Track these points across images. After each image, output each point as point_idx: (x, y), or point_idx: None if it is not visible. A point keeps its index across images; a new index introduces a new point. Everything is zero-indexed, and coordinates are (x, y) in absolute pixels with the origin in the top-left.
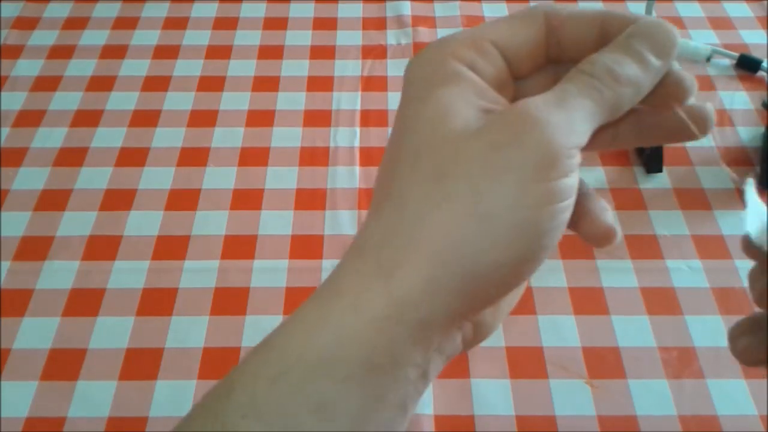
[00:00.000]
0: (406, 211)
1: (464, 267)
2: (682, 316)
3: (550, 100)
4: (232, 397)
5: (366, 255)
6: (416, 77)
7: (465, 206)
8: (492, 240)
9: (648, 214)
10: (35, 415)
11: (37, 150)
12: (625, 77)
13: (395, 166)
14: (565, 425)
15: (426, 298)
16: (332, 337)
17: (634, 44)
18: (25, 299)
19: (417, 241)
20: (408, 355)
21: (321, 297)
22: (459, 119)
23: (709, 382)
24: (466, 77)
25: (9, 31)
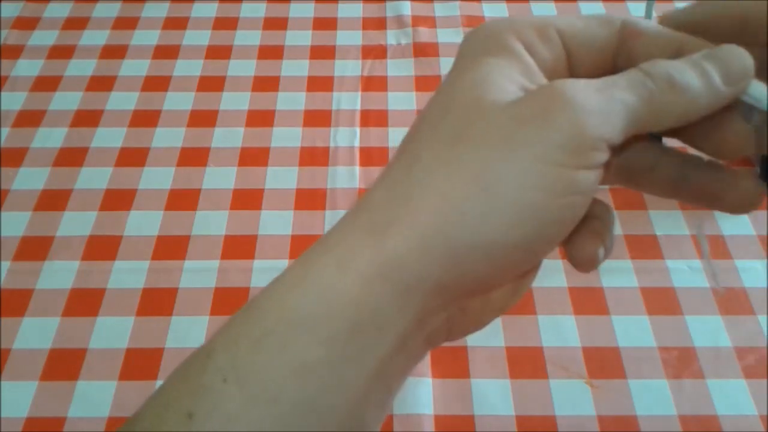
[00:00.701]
0: (413, 171)
1: (458, 237)
2: (682, 316)
3: (591, 83)
4: (212, 360)
5: (361, 212)
6: (470, 46)
7: (472, 174)
8: (492, 215)
9: (648, 214)
10: (35, 415)
11: (37, 150)
12: (681, 86)
13: (419, 125)
14: (565, 425)
15: (415, 260)
16: (314, 294)
17: (704, 62)
18: (25, 299)
19: (414, 201)
20: (391, 320)
21: (308, 255)
22: (495, 88)
23: (709, 382)
24: (518, 54)
25: (9, 31)
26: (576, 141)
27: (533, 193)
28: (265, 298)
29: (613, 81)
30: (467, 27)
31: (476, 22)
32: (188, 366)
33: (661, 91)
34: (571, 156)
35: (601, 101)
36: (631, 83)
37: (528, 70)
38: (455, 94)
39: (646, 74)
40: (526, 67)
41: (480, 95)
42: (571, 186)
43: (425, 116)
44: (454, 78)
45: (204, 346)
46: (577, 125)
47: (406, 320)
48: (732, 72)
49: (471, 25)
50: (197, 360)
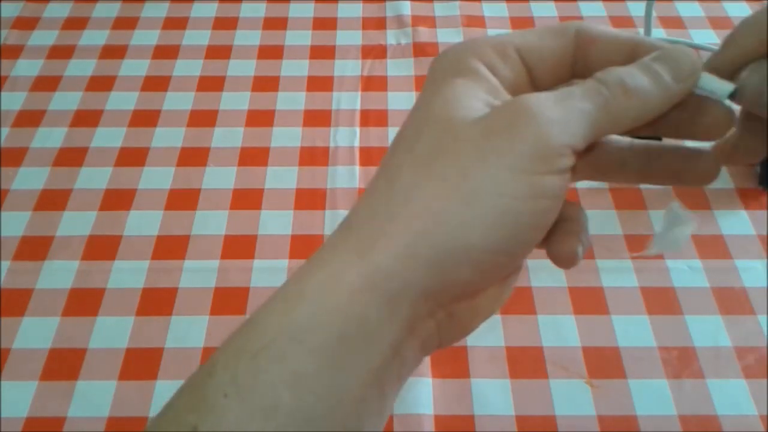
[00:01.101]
0: (394, 188)
1: (440, 243)
2: (682, 316)
3: (550, 96)
4: (214, 377)
5: (348, 230)
6: (438, 70)
7: (451, 185)
8: (472, 221)
9: (648, 214)
10: (35, 415)
11: (37, 150)
12: (634, 89)
13: (396, 146)
14: (565, 425)
15: (400, 270)
16: (309, 309)
17: (653, 65)
18: (25, 299)
19: (398, 214)
20: (380, 329)
21: (302, 273)
22: (463, 106)
23: (709, 382)
24: (482, 74)
25: (9, 31)
26: (541, 150)
27: (508, 200)
28: (264, 314)
29: (570, 92)
30: (467, 27)
31: (476, 22)
32: (192, 382)
33: (615, 97)
34: (538, 163)
35: (560, 112)
36: (586, 92)
37: (492, 89)
38: (428, 114)
39: (600, 82)
40: (490, 86)
41: (451, 114)
42: (541, 191)
43: (402, 135)
44: (425, 99)
45: (207, 362)
46: (541, 135)
47: (395, 328)
48: (681, 70)
49: (471, 25)
50: (200, 376)
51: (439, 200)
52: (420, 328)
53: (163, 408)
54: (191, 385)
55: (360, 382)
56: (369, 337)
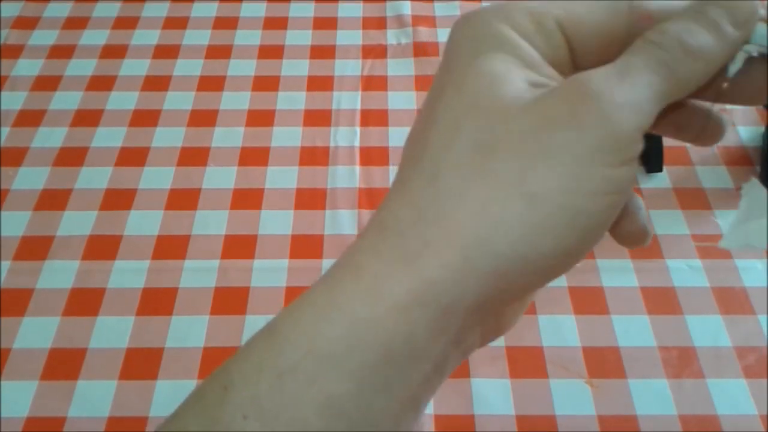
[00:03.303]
0: (439, 185)
1: (502, 252)
2: (682, 315)
3: (612, 73)
4: (232, 394)
5: (388, 233)
6: (462, 39)
7: (510, 185)
8: (536, 226)
9: (648, 213)
10: (35, 415)
11: (37, 150)
12: (698, 50)
13: (429, 135)
14: (565, 425)
15: (454, 282)
16: (346, 326)
17: (710, 12)
18: (25, 299)
19: (450, 219)
20: (426, 348)
21: (334, 279)
22: (508, 88)
23: (709, 382)
24: (518, 45)
25: (9, 31)
26: (613, 139)
27: (577, 198)
28: (290, 326)
29: (630, 64)
30: None
31: None
32: (203, 397)
33: (679, 62)
34: (610, 154)
35: (628, 91)
36: (648, 62)
37: (533, 62)
38: (465, 98)
39: (659, 47)
40: (530, 59)
41: (495, 97)
42: (615, 185)
43: (436, 123)
44: (455, 80)
45: (219, 375)
46: (611, 122)
47: (442, 344)
48: (739, 11)
49: None
50: (214, 389)
51: (498, 203)
52: (467, 339)
53: (169, 419)
54: (202, 398)
55: (397, 404)
56: (413, 357)
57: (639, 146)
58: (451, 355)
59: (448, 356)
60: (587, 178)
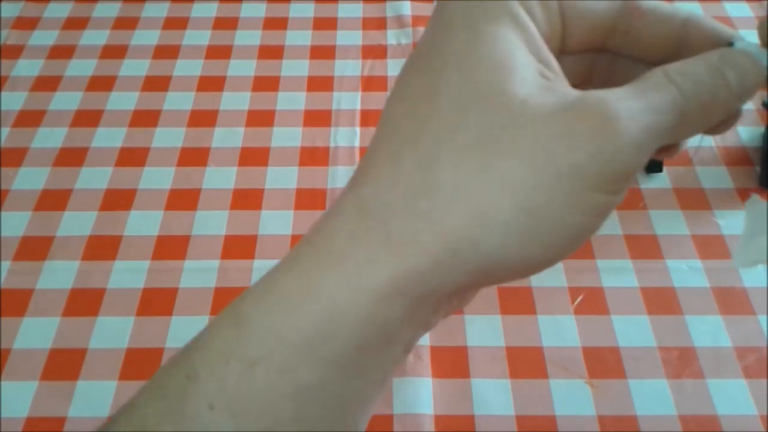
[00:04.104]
0: (435, 176)
1: (488, 254)
2: (682, 316)
3: (636, 105)
4: (196, 384)
5: (371, 220)
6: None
7: (510, 193)
8: (528, 235)
9: (648, 214)
10: (35, 415)
11: (37, 150)
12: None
13: (430, 116)
14: (565, 425)
15: (437, 275)
16: (321, 314)
17: (727, 74)
18: (25, 299)
19: (442, 214)
20: (399, 333)
21: (308, 262)
22: (520, 79)
23: (709, 382)
24: (523, 23)
25: (9, 31)
26: (625, 171)
27: (576, 216)
28: (260, 314)
29: (653, 100)
30: None
31: None
32: (164, 387)
33: (692, 111)
34: (617, 183)
35: (647, 130)
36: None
37: (535, 44)
38: (474, 85)
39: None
40: (533, 41)
41: (505, 88)
42: (610, 207)
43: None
44: (463, 56)
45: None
46: (624, 157)
47: (414, 327)
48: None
49: None
50: (176, 382)
51: (494, 209)
52: (434, 319)
53: (126, 410)
54: (163, 387)
55: (368, 386)
56: (387, 343)
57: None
58: (418, 334)
59: (416, 336)
60: (587, 200)
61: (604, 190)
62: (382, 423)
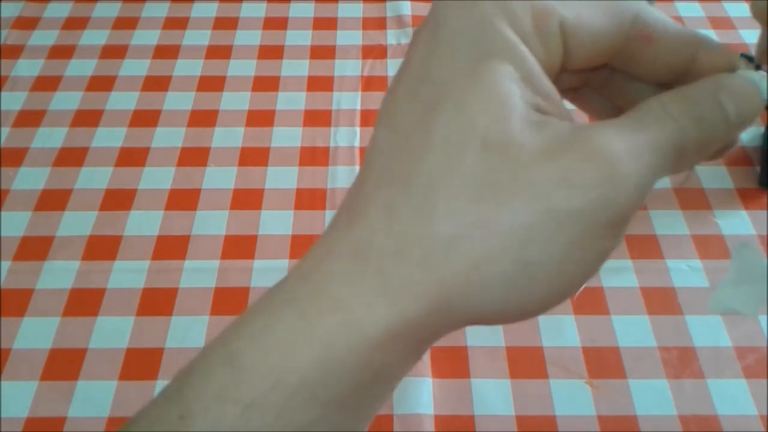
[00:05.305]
0: (432, 224)
1: (485, 307)
2: (682, 316)
3: (640, 147)
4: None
5: (368, 265)
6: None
7: (508, 245)
8: (525, 289)
9: (648, 214)
10: (35, 415)
11: (37, 150)
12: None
13: (423, 150)
14: (565, 425)
15: (434, 322)
16: (318, 357)
17: (726, 105)
18: (25, 299)
19: (439, 268)
20: (398, 373)
21: (303, 303)
22: (518, 120)
23: (709, 382)
24: (522, 55)
25: (9, 31)
26: (621, 216)
27: (577, 266)
28: (257, 355)
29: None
30: None
31: None
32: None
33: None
34: (613, 230)
35: (649, 169)
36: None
37: (534, 76)
38: (471, 124)
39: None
40: (530, 71)
41: (501, 130)
42: (607, 253)
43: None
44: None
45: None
46: (631, 202)
47: (412, 363)
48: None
49: None
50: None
51: (491, 262)
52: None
53: None
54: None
55: (368, 416)
56: (385, 382)
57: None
58: (412, 365)
59: (411, 368)
60: (588, 248)
61: (605, 236)
62: (382, 423)
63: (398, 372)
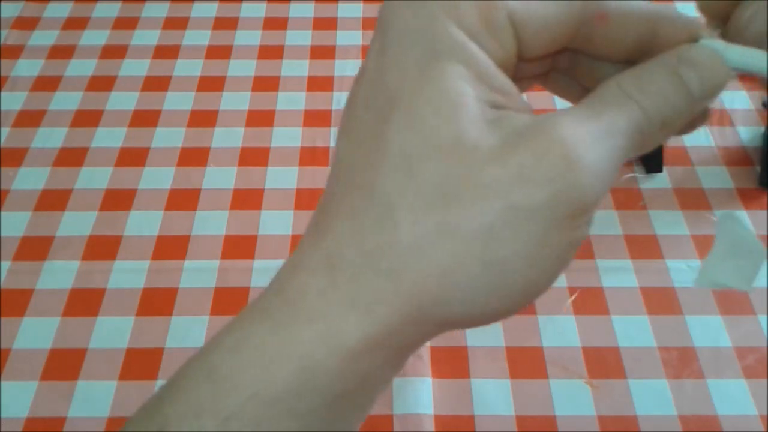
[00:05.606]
0: (396, 233)
1: (456, 310)
2: (682, 316)
3: (599, 134)
4: None
5: (339, 277)
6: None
7: (472, 248)
8: (494, 290)
9: (648, 214)
10: (35, 415)
11: (37, 150)
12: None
13: (380, 161)
14: (565, 425)
15: (408, 329)
16: (296, 370)
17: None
18: (25, 299)
19: (406, 275)
20: (377, 384)
21: (281, 314)
22: (471, 120)
23: (709, 382)
24: (471, 53)
25: (9, 31)
26: (581, 204)
27: (540, 261)
28: (235, 369)
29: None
30: None
31: None
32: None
33: (653, 133)
34: (579, 217)
35: (604, 160)
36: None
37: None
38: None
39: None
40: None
41: (456, 136)
42: (574, 244)
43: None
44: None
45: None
46: (590, 191)
47: (394, 369)
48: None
49: None
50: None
51: (457, 266)
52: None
53: None
54: None
55: (351, 423)
56: (364, 393)
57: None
58: (396, 372)
59: (395, 374)
60: (550, 243)
61: (568, 227)
62: (382, 423)
63: (379, 380)
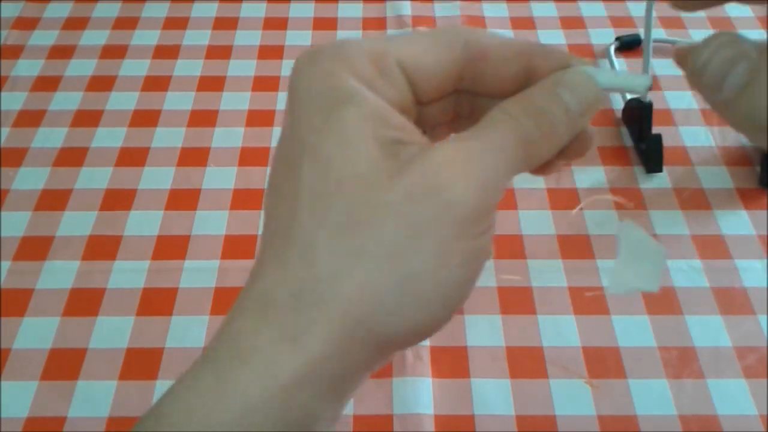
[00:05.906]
0: (315, 265)
1: (382, 329)
2: (682, 315)
3: (479, 150)
4: None
5: (270, 314)
6: (307, 94)
7: (384, 267)
8: (410, 302)
9: (648, 214)
10: (35, 415)
11: (37, 150)
12: (554, 134)
13: (295, 204)
14: (565, 425)
15: (341, 356)
16: (237, 407)
17: (564, 95)
18: (25, 299)
19: (329, 302)
20: (321, 411)
21: (219, 361)
22: (365, 156)
23: (709, 382)
24: (366, 99)
25: (9, 31)
26: (468, 217)
27: (446, 271)
28: (180, 413)
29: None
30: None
31: (477, 23)
32: None
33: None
34: (471, 228)
35: (491, 168)
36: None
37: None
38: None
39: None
40: (380, 112)
41: (355, 167)
42: (477, 251)
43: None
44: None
45: None
46: (474, 200)
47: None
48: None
49: (472, 25)
50: None
51: (372, 285)
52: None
53: None
54: None
55: None
56: (309, 423)
57: (495, 214)
58: (343, 404)
59: (341, 406)
60: (452, 253)
61: (465, 236)
62: (382, 423)
63: (322, 412)
